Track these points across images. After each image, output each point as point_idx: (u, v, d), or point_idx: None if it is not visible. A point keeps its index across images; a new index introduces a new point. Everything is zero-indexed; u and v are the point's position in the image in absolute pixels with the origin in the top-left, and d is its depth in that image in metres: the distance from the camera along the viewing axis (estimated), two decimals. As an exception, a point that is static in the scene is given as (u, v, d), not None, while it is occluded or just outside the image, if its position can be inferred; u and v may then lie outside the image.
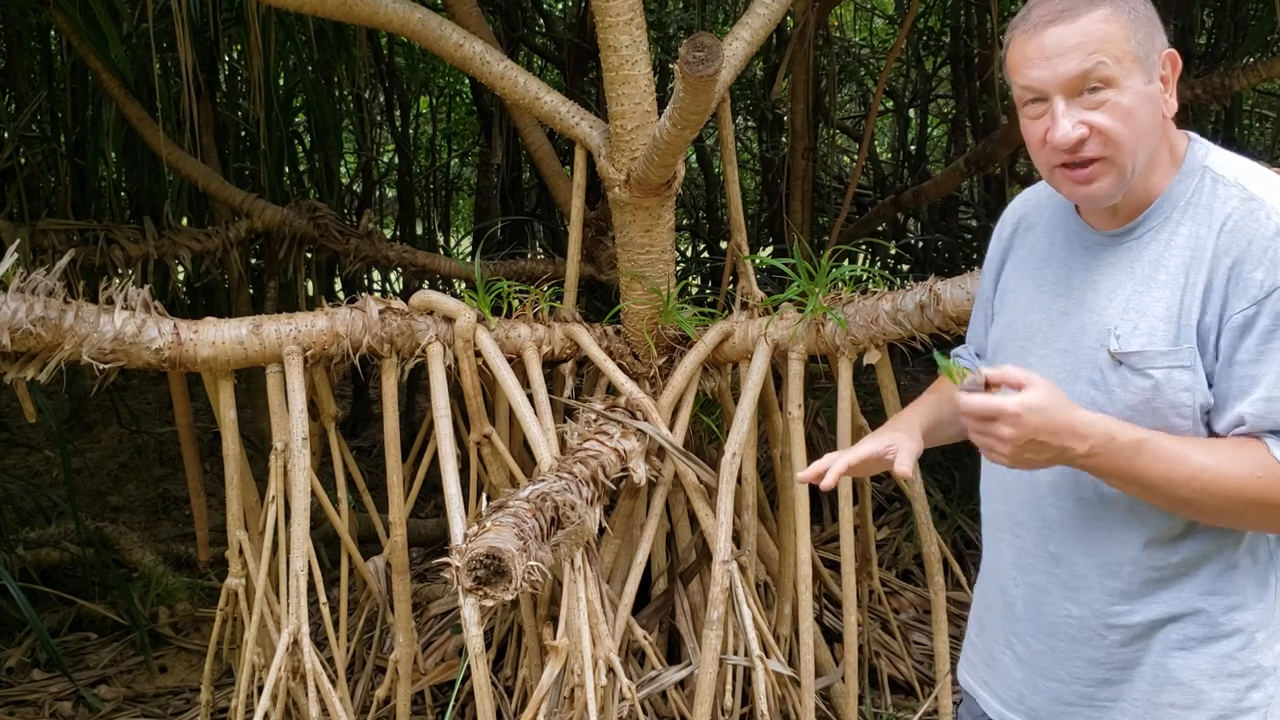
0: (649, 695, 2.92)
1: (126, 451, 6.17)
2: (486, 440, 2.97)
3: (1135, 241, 1.46)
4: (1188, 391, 1.39)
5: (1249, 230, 1.37)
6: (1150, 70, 1.40)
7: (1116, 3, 1.39)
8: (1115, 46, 1.37)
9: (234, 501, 2.82)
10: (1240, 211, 1.39)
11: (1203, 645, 1.45)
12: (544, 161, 4.15)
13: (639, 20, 2.71)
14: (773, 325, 2.94)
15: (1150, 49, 1.40)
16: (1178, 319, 1.40)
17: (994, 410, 1.32)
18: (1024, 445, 1.33)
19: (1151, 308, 1.42)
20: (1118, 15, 1.38)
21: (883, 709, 3.37)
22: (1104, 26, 1.37)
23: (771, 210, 6.42)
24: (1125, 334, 1.43)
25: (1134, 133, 1.39)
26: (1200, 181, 1.44)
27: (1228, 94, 4.57)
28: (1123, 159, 1.40)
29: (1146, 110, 1.40)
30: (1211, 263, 1.39)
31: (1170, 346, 1.40)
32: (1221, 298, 1.37)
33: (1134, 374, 1.41)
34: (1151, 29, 1.41)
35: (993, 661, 1.66)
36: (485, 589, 1.92)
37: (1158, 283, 1.42)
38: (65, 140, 4.90)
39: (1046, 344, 1.53)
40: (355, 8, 2.83)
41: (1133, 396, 1.42)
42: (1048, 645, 1.56)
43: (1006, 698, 1.63)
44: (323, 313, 2.79)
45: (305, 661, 2.61)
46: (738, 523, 2.93)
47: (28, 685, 3.65)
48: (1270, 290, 1.33)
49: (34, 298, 2.40)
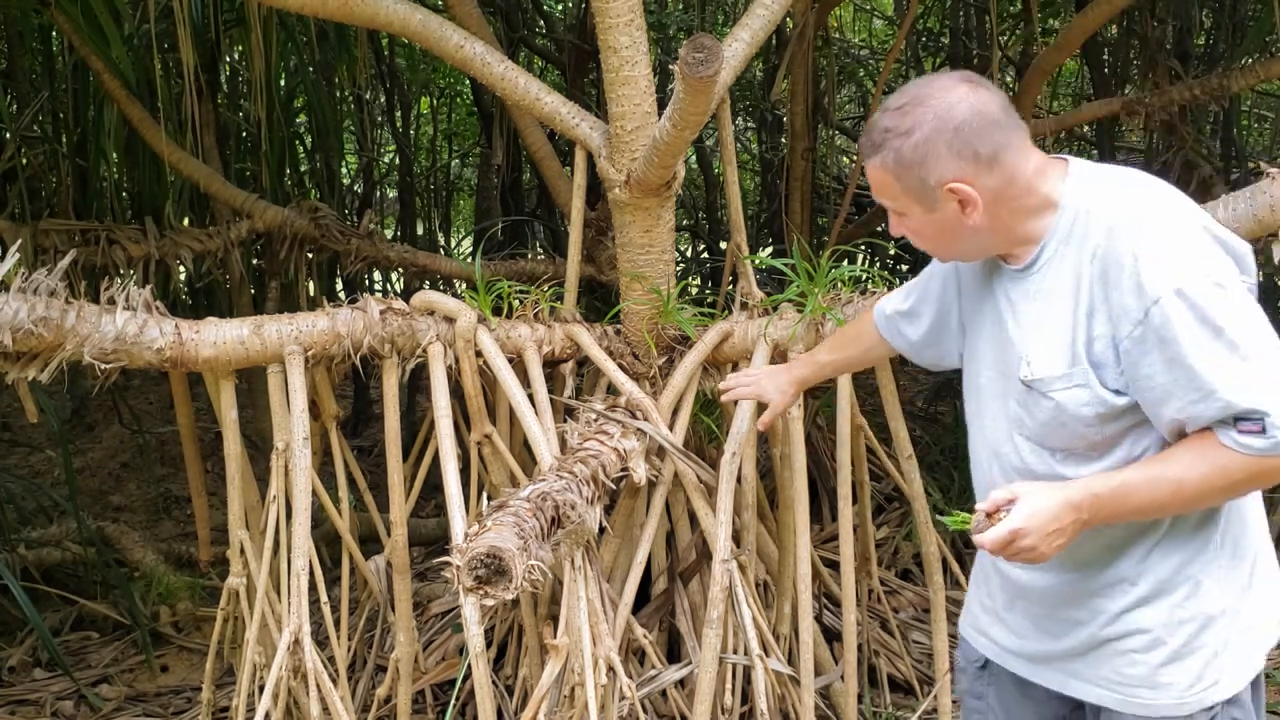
0: (649, 694, 2.92)
1: (128, 451, 6.18)
2: (487, 440, 2.98)
3: (1037, 274, 1.64)
4: (1087, 406, 1.57)
5: (1112, 257, 1.53)
6: (930, 202, 1.60)
7: (883, 154, 1.60)
8: (888, 189, 1.63)
9: (235, 501, 2.83)
10: (1105, 240, 1.55)
11: (1156, 599, 1.65)
12: (544, 162, 4.16)
13: (639, 21, 2.72)
14: (772, 325, 2.95)
15: (922, 188, 1.59)
16: (1070, 344, 1.58)
17: (1008, 535, 1.52)
18: (1046, 540, 1.53)
19: (1050, 334, 1.61)
20: (884, 166, 1.60)
21: (882, 708, 3.38)
22: (877, 174, 1.63)
23: (771, 210, 6.43)
24: (1033, 360, 1.62)
25: (929, 243, 1.69)
26: (1075, 216, 1.60)
27: (1226, 94, 4.57)
28: (941, 251, 1.72)
29: (933, 229, 1.65)
30: (1091, 288, 1.56)
31: (1065, 370, 1.58)
32: (1106, 319, 1.54)
33: (1041, 397, 1.61)
34: (921, 169, 1.57)
35: (992, 611, 1.88)
36: (486, 588, 1.93)
37: (1052, 310, 1.61)
38: (67, 141, 4.91)
39: (989, 368, 1.74)
40: (356, 9, 2.84)
41: (1043, 414, 1.62)
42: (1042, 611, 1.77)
43: (1008, 644, 1.85)
44: (324, 313, 2.79)
45: (306, 660, 2.61)
46: (737, 522, 2.93)
47: (29, 684, 3.66)
48: (1145, 309, 1.49)
49: (36, 298, 2.41)
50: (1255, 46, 5.36)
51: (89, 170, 5.06)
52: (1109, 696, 1.71)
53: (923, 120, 1.56)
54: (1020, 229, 1.63)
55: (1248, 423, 1.47)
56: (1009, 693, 1.89)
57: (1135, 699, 1.68)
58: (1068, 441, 1.62)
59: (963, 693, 2.00)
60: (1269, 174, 2.48)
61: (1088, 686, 1.73)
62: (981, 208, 1.59)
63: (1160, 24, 5.25)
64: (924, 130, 1.56)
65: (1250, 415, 1.46)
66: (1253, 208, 2.48)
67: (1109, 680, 1.70)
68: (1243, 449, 1.48)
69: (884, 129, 1.59)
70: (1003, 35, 6.56)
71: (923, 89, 1.59)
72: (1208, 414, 1.49)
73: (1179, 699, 1.65)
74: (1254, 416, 1.46)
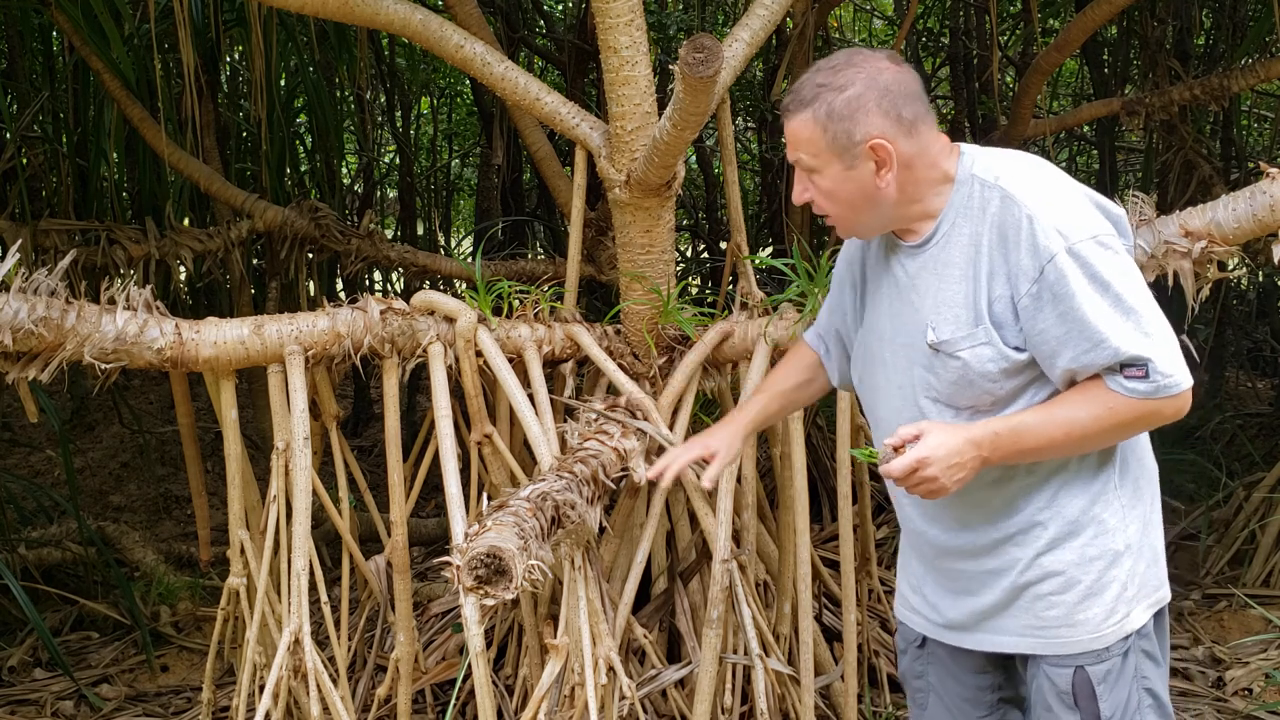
0: (649, 694, 2.92)
1: (128, 451, 6.18)
2: (487, 440, 2.98)
3: (934, 248, 1.78)
4: (992, 362, 1.71)
5: (1009, 223, 1.68)
6: (851, 159, 1.71)
7: (815, 107, 1.70)
8: (810, 145, 1.73)
9: (235, 501, 2.83)
10: (1000, 208, 1.69)
11: (1066, 541, 1.77)
12: (544, 162, 4.16)
13: (639, 21, 2.72)
14: (772, 325, 2.95)
15: (847, 143, 1.70)
16: (972, 306, 1.72)
17: (913, 463, 1.66)
18: (947, 472, 1.66)
19: (951, 300, 1.74)
20: (813, 120, 1.71)
21: (882, 707, 3.38)
22: (800, 129, 1.73)
23: (771, 210, 6.42)
24: (938, 325, 1.75)
25: (837, 206, 1.78)
26: (970, 188, 1.74)
27: (1226, 94, 4.57)
28: (843, 220, 1.81)
29: (847, 190, 1.74)
30: (989, 253, 1.70)
31: (969, 330, 1.71)
32: (1005, 281, 1.68)
33: (948, 358, 1.74)
34: (850, 122, 1.69)
35: (918, 591, 1.99)
36: (486, 588, 1.93)
37: (952, 278, 1.74)
38: (67, 140, 4.91)
39: (892, 340, 1.85)
40: (356, 9, 2.84)
41: (951, 374, 1.74)
42: (956, 570, 1.88)
43: (934, 618, 1.96)
44: (324, 313, 2.80)
45: (306, 660, 2.61)
46: (737, 522, 2.93)
47: (29, 684, 3.66)
48: (1041, 267, 1.64)
49: (36, 298, 2.41)
50: (1255, 46, 5.36)
51: (89, 170, 5.06)
52: (1031, 642, 1.82)
53: (855, 79, 1.70)
54: (920, 203, 1.77)
55: (1133, 368, 1.63)
56: (945, 667, 2.00)
57: (1056, 639, 1.79)
58: (974, 399, 1.75)
59: (903, 673, 2.11)
60: (1269, 174, 2.48)
61: (1011, 639, 1.84)
62: (895, 171, 1.72)
63: (1160, 24, 5.25)
64: (856, 87, 1.69)
65: (1135, 361, 1.63)
66: (1253, 208, 2.48)
67: (1029, 627, 1.81)
68: (1129, 392, 1.64)
69: (817, 85, 1.71)
70: (1003, 35, 6.56)
71: (853, 55, 1.74)
72: (1098, 362, 1.64)
73: (1095, 632, 1.77)
74: (1139, 363, 1.63)
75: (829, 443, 4.26)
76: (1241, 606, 3.99)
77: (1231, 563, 4.38)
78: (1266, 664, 3.55)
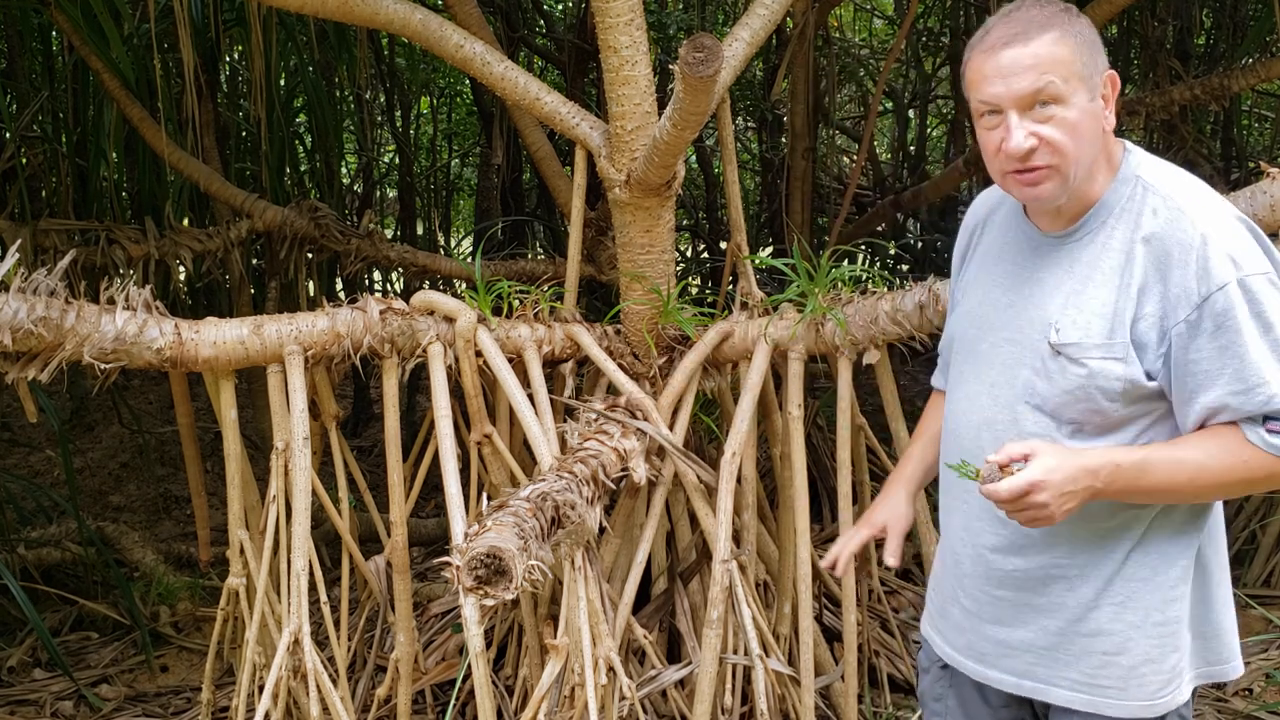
0: (649, 694, 2.92)
1: (128, 451, 6.18)
2: (487, 440, 2.98)
3: (1076, 243, 1.63)
4: (1119, 380, 1.56)
5: (1175, 239, 1.52)
6: (1093, 88, 1.56)
7: (1064, 27, 1.54)
8: (1063, 67, 1.53)
9: (235, 501, 2.83)
10: (1167, 221, 1.54)
11: (1130, 600, 1.64)
12: (544, 162, 4.16)
13: (639, 21, 2.72)
14: (772, 325, 2.95)
15: (1094, 69, 1.56)
16: (1113, 315, 1.56)
17: (1023, 487, 1.50)
18: (1059, 500, 1.51)
19: (1088, 304, 1.59)
20: (1066, 38, 1.53)
21: (882, 708, 3.38)
22: (1053, 49, 1.53)
23: (771, 210, 6.43)
24: (1064, 327, 1.59)
25: (1077, 144, 1.55)
26: (1133, 189, 1.60)
27: (1226, 94, 4.57)
28: (1066, 167, 1.56)
29: (1089, 124, 1.56)
30: (1144, 265, 1.55)
31: (1105, 340, 1.56)
32: (1158, 301, 1.54)
33: (1070, 363, 1.58)
34: (1094, 51, 1.56)
35: (944, 612, 1.87)
36: (486, 588, 1.92)
37: (1095, 281, 1.59)
38: (67, 140, 4.91)
39: (995, 333, 1.71)
40: (356, 8, 2.84)
41: (1069, 382, 1.59)
42: (993, 596, 1.74)
43: (957, 643, 1.84)
44: (324, 313, 2.79)
45: (306, 660, 2.61)
46: (737, 522, 2.93)
47: (29, 684, 3.66)
48: (1205, 296, 1.50)
49: (35, 298, 2.41)
50: (1255, 46, 5.36)
51: (89, 170, 5.06)
52: (1077, 699, 1.70)
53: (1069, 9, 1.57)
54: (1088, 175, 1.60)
55: (1276, 422, 1.51)
56: (968, 695, 1.89)
57: (1105, 700, 1.68)
58: (1083, 414, 1.60)
59: (922, 693, 2.00)
60: (1269, 174, 2.48)
61: (1053, 689, 1.72)
62: (1112, 116, 1.59)
63: (1160, 24, 5.25)
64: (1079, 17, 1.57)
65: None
66: (1253, 208, 2.48)
67: (1076, 682, 1.70)
68: (1269, 447, 1.51)
69: (1046, 13, 1.55)
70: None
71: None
72: (1245, 407, 1.51)
73: (1149, 701, 1.67)
74: None
75: (829, 443, 4.26)
76: (1242, 607, 3.98)
77: (1232, 563, 4.37)
78: (1267, 664, 3.55)
